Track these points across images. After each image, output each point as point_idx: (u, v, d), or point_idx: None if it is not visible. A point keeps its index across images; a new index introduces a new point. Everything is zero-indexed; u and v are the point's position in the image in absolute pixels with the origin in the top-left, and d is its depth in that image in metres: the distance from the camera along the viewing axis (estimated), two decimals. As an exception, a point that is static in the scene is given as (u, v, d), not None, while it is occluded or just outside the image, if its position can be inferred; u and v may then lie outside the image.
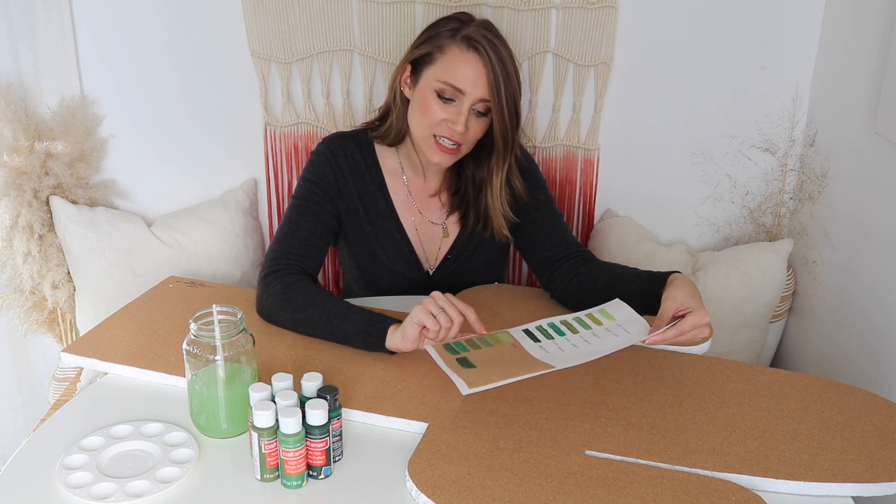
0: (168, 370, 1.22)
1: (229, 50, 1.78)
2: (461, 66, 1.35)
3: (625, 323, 1.23)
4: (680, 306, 1.19)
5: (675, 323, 1.21)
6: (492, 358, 1.16)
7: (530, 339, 1.22)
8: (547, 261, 1.48)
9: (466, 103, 1.36)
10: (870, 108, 1.58)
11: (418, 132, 1.41)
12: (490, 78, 1.34)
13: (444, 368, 1.16)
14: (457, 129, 1.36)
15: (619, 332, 1.20)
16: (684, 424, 1.12)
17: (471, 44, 1.35)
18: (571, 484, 1.00)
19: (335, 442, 1.04)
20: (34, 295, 1.85)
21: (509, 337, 1.24)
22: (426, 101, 1.38)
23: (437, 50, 1.37)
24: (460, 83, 1.35)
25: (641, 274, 1.35)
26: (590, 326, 1.23)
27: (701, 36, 1.78)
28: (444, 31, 1.38)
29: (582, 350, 1.19)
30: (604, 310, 1.26)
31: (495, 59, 1.34)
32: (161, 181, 1.89)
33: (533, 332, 1.24)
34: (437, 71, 1.37)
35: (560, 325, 1.26)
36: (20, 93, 1.75)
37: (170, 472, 1.02)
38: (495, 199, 1.46)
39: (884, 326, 1.55)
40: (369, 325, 1.25)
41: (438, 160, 1.40)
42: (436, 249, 1.55)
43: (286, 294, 1.32)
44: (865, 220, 1.62)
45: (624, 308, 1.25)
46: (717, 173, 1.88)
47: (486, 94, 1.35)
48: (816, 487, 1.02)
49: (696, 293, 1.22)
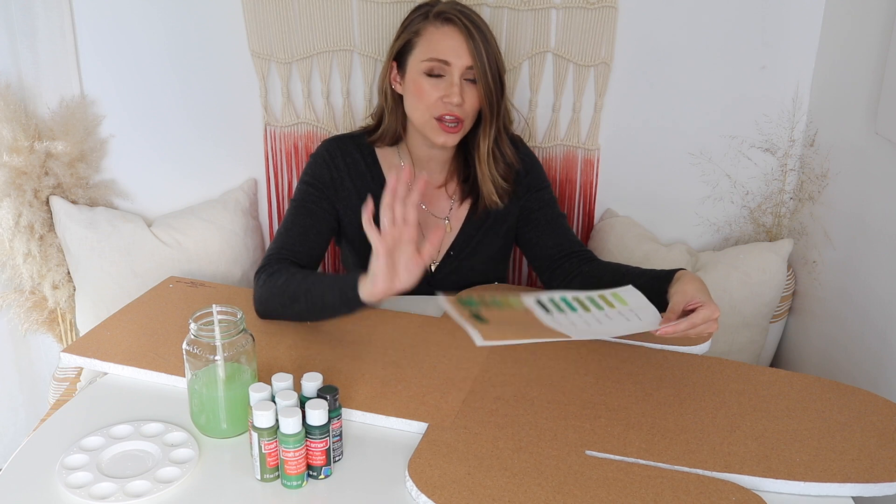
0: (168, 370, 1.22)
1: (229, 50, 1.78)
2: (441, 39, 1.39)
3: (637, 309, 1.20)
4: (690, 300, 1.19)
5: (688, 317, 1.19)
6: (504, 319, 1.13)
7: (542, 309, 1.18)
8: (549, 259, 1.48)
9: (455, 74, 1.39)
10: (870, 108, 1.58)
11: (418, 118, 1.43)
12: (470, 45, 1.38)
13: (459, 319, 1.08)
14: (453, 100, 1.38)
15: (631, 318, 1.17)
16: (684, 424, 1.12)
17: (445, 17, 1.40)
18: (571, 484, 1.00)
19: (335, 442, 1.04)
20: (34, 295, 1.85)
21: (520, 304, 1.19)
22: (418, 85, 1.40)
23: (415, 35, 1.42)
24: (444, 55, 1.38)
25: (646, 272, 1.34)
26: (602, 307, 1.19)
27: (701, 36, 1.78)
28: (416, 18, 1.43)
29: (594, 328, 1.15)
30: (617, 293, 1.22)
31: (471, 26, 1.38)
32: (161, 181, 1.89)
33: (545, 303, 1.20)
34: (420, 53, 1.41)
35: (573, 300, 1.21)
36: (20, 93, 1.75)
37: (170, 472, 1.02)
38: (482, 164, 1.47)
39: (884, 326, 1.55)
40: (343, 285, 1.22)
41: (444, 140, 1.42)
42: (438, 246, 1.55)
43: (270, 281, 1.33)
44: (865, 220, 1.62)
45: (637, 294, 1.22)
46: (716, 173, 1.88)
47: (470, 61, 1.38)
48: (816, 487, 1.02)
49: (705, 288, 1.22)
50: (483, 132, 1.46)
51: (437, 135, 1.42)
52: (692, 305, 1.18)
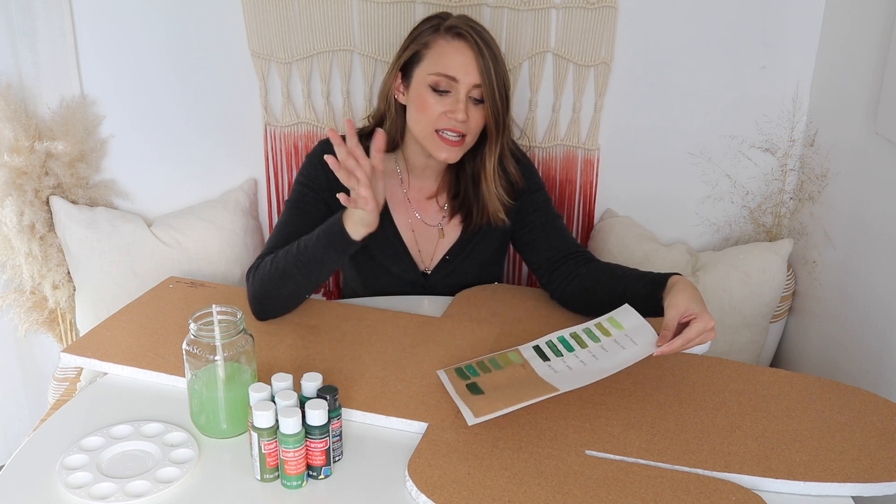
0: (168, 370, 1.22)
1: (229, 50, 1.79)
2: (450, 54, 1.37)
3: (633, 332, 1.21)
4: (684, 313, 1.18)
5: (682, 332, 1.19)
6: (500, 383, 1.14)
7: (540, 357, 1.20)
8: (547, 262, 1.48)
9: (462, 91, 1.37)
10: (870, 108, 1.58)
11: (420, 131, 1.42)
12: (479, 62, 1.36)
13: (453, 396, 1.13)
14: (458, 117, 1.37)
15: (626, 345, 1.18)
16: (684, 424, 1.12)
17: (456, 32, 1.38)
18: (571, 484, 1.00)
19: (335, 442, 1.04)
20: (34, 295, 1.85)
21: (519, 357, 1.21)
22: (422, 98, 1.39)
23: (424, 47, 1.40)
24: (452, 71, 1.37)
25: (642, 275, 1.34)
26: (598, 339, 1.21)
27: (701, 36, 1.78)
28: (426, 30, 1.41)
29: (590, 367, 1.17)
30: (613, 318, 1.24)
31: (482, 43, 1.37)
32: (161, 181, 1.89)
33: (543, 348, 1.23)
34: (427, 66, 1.39)
35: (570, 338, 1.23)
36: (20, 93, 1.75)
37: (170, 472, 1.02)
38: (489, 182, 1.47)
39: (884, 326, 1.55)
40: (328, 232, 1.28)
41: (446, 156, 1.41)
42: (432, 250, 1.55)
43: (258, 274, 1.34)
44: (865, 220, 1.62)
45: (632, 315, 1.23)
46: (716, 173, 1.88)
47: (479, 79, 1.37)
48: (816, 487, 1.02)
49: (698, 297, 1.21)
50: (489, 150, 1.44)
51: (438, 150, 1.41)
52: (686, 318, 1.18)
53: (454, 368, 1.22)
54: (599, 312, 1.33)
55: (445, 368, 1.22)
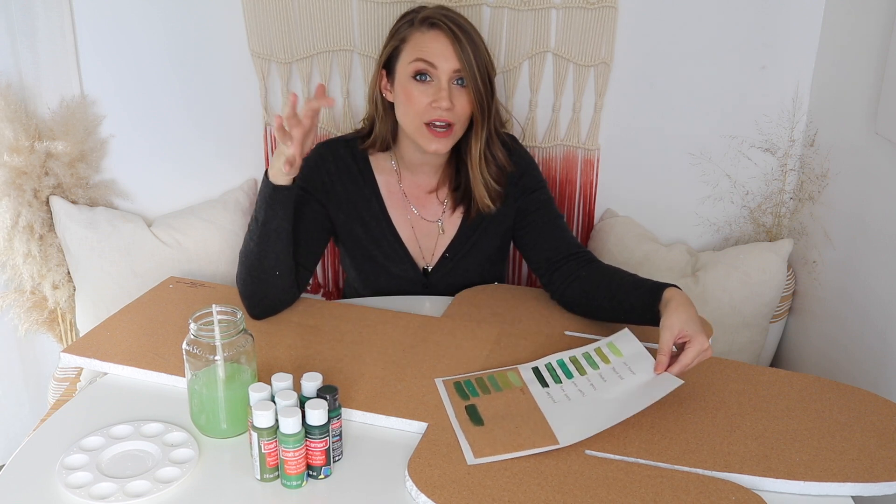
0: (168, 370, 1.22)
1: (229, 50, 1.78)
2: (427, 43, 1.39)
3: (631, 360, 1.20)
4: (678, 335, 1.18)
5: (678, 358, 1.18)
6: (499, 411, 1.14)
7: (539, 382, 1.20)
8: (547, 262, 1.48)
9: (443, 78, 1.39)
10: (870, 108, 1.58)
11: (409, 124, 1.42)
12: (456, 48, 1.38)
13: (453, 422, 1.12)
14: (442, 104, 1.38)
15: (624, 374, 1.18)
16: (684, 424, 1.12)
17: (430, 22, 1.40)
18: (571, 484, 1.00)
19: (335, 442, 1.04)
20: (34, 295, 1.85)
21: (518, 379, 1.21)
22: (407, 90, 1.40)
23: (401, 42, 1.42)
24: (430, 57, 1.38)
25: (640, 284, 1.33)
26: (597, 366, 1.21)
27: (701, 36, 1.78)
28: (402, 25, 1.44)
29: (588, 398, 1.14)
30: (612, 343, 1.24)
31: (457, 29, 1.38)
32: (161, 181, 1.89)
33: (542, 372, 1.22)
34: (407, 56, 1.41)
35: (569, 363, 1.23)
36: (20, 93, 1.75)
37: (170, 472, 1.02)
38: (474, 167, 1.47)
39: (884, 326, 1.55)
40: (263, 194, 1.33)
41: (435, 147, 1.42)
42: (432, 247, 1.55)
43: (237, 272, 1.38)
44: (865, 220, 1.62)
45: (631, 341, 1.24)
46: (716, 173, 1.88)
47: (458, 64, 1.38)
48: (816, 487, 1.02)
49: (693, 315, 1.20)
50: (475, 135, 1.45)
51: (428, 142, 1.41)
52: (681, 340, 1.18)
53: (452, 382, 1.21)
54: (599, 318, 1.32)
55: (444, 379, 1.21)
